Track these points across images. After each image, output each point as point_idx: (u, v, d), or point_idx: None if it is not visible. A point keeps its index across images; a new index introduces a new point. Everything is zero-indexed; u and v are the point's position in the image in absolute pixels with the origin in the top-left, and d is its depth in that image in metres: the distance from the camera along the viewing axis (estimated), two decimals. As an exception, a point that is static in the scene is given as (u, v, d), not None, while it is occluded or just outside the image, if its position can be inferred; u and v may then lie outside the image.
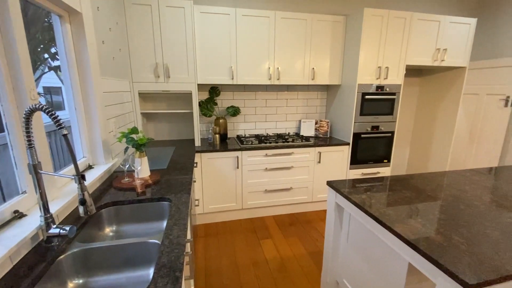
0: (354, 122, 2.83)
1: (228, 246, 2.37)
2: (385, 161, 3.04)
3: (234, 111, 2.96)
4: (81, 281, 1.01)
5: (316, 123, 3.24)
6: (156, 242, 1.05)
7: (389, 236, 1.13)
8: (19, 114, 1.00)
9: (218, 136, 2.79)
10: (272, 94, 3.18)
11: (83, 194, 0.86)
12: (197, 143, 2.69)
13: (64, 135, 0.79)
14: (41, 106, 0.81)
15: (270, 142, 2.76)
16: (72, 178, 0.86)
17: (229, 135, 3.17)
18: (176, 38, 2.41)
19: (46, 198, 0.95)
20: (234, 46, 2.61)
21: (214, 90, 2.92)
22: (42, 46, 2.30)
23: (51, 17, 1.40)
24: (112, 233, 1.33)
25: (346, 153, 2.91)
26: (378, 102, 2.84)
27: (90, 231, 1.21)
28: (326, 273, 1.78)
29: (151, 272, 1.07)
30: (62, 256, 0.96)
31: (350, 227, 1.57)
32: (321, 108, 3.38)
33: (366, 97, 2.78)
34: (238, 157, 2.62)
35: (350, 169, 2.96)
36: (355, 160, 2.94)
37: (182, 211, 1.21)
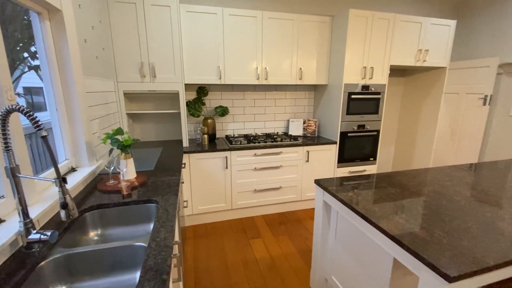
0: (341, 121, 2.87)
1: (217, 247, 2.35)
2: (371, 159, 3.10)
3: (223, 111, 2.94)
4: (64, 287, 0.98)
5: (304, 123, 3.27)
6: (142, 245, 1.03)
7: (374, 232, 1.15)
8: (-5, 115, 0.95)
9: (206, 136, 2.76)
10: (260, 94, 3.19)
11: (65, 198, 0.83)
12: (185, 144, 2.66)
13: (43, 137, 0.76)
14: (18, 107, 0.77)
15: (259, 142, 2.77)
16: (52, 182, 0.83)
17: (217, 135, 3.16)
18: (162, 37, 2.37)
19: (26, 203, 0.91)
20: (222, 46, 2.60)
21: (202, 90, 2.89)
22: (21, 44, 2.21)
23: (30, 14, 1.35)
24: (97, 237, 1.30)
25: (333, 151, 2.95)
26: (364, 102, 2.90)
27: (73, 236, 1.17)
28: (315, 270, 1.80)
29: (138, 276, 1.05)
30: (43, 262, 0.92)
31: (337, 225, 1.59)
32: (308, 107, 3.41)
33: (352, 96, 2.84)
34: (227, 157, 2.60)
35: (337, 167, 3.00)
36: (342, 158, 2.99)
37: (170, 213, 1.19)
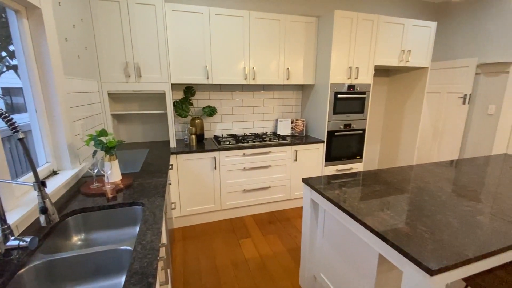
0: (328, 121, 2.92)
1: (207, 248, 2.34)
2: (357, 157, 3.17)
3: (211, 111, 2.92)
4: (45, 295, 0.94)
5: (292, 122, 3.30)
6: (128, 248, 1.00)
7: (360, 229, 1.18)
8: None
9: (194, 136, 2.74)
10: (248, 94, 3.19)
11: (44, 202, 0.80)
12: (172, 145, 2.62)
13: (19, 139, 0.73)
14: (-8, 109, 0.74)
15: (248, 142, 2.77)
16: (31, 186, 0.80)
17: (206, 136, 3.13)
18: (147, 37, 2.33)
19: (3, 208, 0.87)
20: (209, 46, 2.58)
21: (189, 90, 2.86)
22: (-1, 43, 2.11)
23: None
24: (80, 242, 1.26)
25: (321, 150, 2.99)
26: (350, 101, 2.96)
27: (55, 241, 1.13)
28: (304, 268, 1.82)
29: (123, 280, 1.03)
30: (22, 270, 0.89)
31: (325, 223, 1.62)
32: (296, 107, 3.44)
33: (339, 96, 2.88)
34: (215, 157, 2.59)
35: (325, 166, 3.05)
36: (330, 157, 3.04)
37: (156, 215, 1.17)
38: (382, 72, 3.74)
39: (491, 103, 3.27)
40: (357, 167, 3.19)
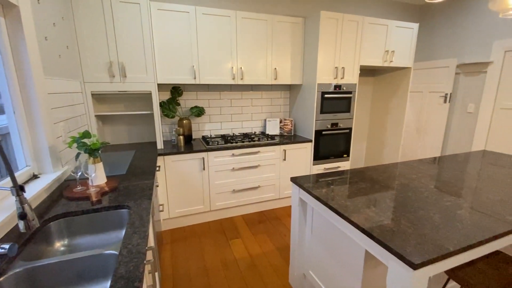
0: (316, 120, 2.95)
1: (196, 250, 2.31)
2: (344, 155, 3.22)
3: (199, 112, 2.90)
4: (26, 303, 0.91)
5: (280, 122, 3.32)
6: (113, 253, 0.98)
7: (347, 226, 1.20)
8: None
9: (182, 137, 2.70)
10: (236, 94, 3.18)
11: (23, 207, 0.77)
12: (159, 146, 2.58)
13: (-4, 143, 0.70)
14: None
15: (237, 142, 2.76)
16: (8, 190, 0.77)
17: (194, 136, 3.10)
18: (132, 36, 2.28)
19: (-22, 215, 0.83)
20: (196, 45, 2.56)
21: (176, 90, 2.82)
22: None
23: (-21, 9, 1.23)
24: (63, 247, 1.22)
25: (309, 149, 3.02)
26: (337, 101, 3.00)
27: (36, 248, 1.09)
28: (294, 267, 1.83)
29: (109, 285, 1.01)
30: (1, 278, 0.85)
31: (313, 221, 1.64)
32: (284, 107, 3.46)
33: (325, 96, 2.92)
34: (204, 158, 2.57)
35: (313, 164, 3.08)
36: (318, 156, 3.07)
37: (143, 218, 1.15)
38: (367, 72, 3.83)
39: (471, 102, 3.40)
40: (344, 165, 3.25)
